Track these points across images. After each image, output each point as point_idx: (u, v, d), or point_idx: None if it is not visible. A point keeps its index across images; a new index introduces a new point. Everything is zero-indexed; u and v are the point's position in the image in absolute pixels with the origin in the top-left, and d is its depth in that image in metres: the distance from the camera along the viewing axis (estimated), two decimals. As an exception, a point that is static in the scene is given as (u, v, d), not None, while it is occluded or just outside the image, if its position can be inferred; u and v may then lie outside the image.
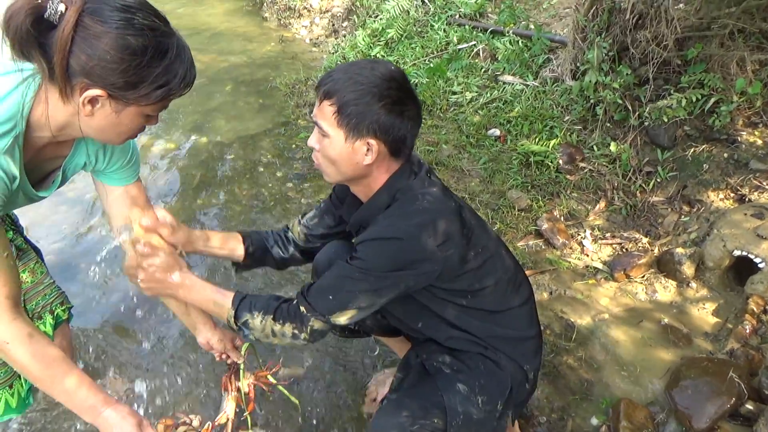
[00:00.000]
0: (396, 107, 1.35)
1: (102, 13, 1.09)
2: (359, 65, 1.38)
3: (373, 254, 1.35)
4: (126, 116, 1.20)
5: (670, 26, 3.00)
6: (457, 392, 1.46)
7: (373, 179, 1.43)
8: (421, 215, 1.37)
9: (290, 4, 6.56)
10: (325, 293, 1.39)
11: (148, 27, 1.13)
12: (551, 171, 3.27)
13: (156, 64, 1.15)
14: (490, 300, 1.52)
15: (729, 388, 1.92)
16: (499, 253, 1.57)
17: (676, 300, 2.49)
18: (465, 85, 4.16)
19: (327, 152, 1.39)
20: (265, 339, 1.43)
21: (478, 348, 1.52)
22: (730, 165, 2.91)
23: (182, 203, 3.33)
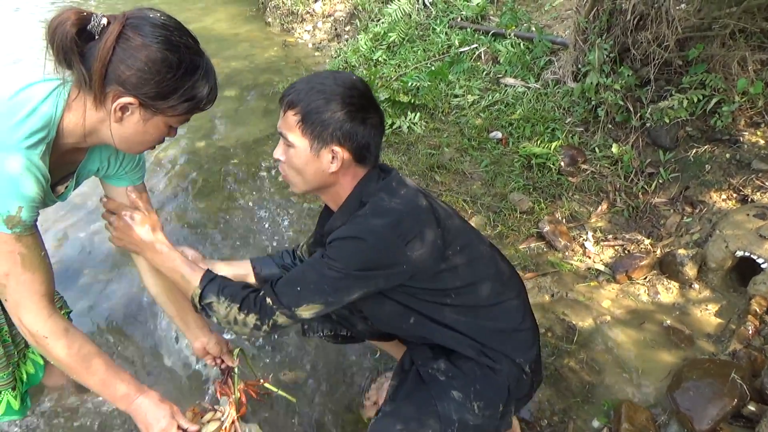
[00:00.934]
0: (358, 114, 1.37)
1: (143, 28, 1.20)
2: (321, 76, 1.41)
3: (341, 253, 1.36)
4: (151, 125, 1.28)
5: (671, 27, 2.99)
6: (451, 400, 1.45)
7: (341, 187, 1.45)
8: (388, 215, 1.37)
9: (293, 8, 6.59)
10: (292, 285, 1.40)
11: (184, 45, 1.24)
12: (553, 173, 3.27)
13: (187, 79, 1.25)
14: (477, 296, 1.51)
15: (731, 390, 1.91)
16: (483, 249, 1.57)
17: (678, 301, 2.48)
18: (467, 88, 4.17)
19: (293, 162, 1.41)
20: (226, 325, 1.44)
21: (470, 350, 1.51)
22: (732, 165, 2.90)
23: (185, 207, 3.34)
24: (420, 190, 1.50)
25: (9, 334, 1.64)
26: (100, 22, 1.18)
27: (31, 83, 1.26)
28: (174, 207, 3.34)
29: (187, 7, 7.52)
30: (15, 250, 1.23)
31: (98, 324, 2.46)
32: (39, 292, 1.29)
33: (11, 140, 1.17)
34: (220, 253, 2.94)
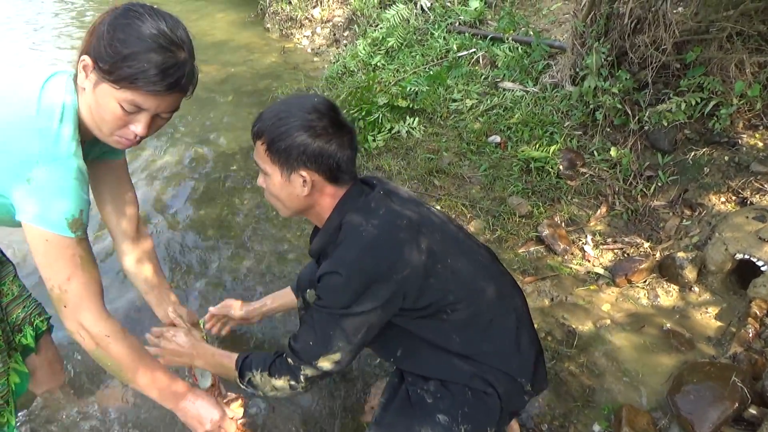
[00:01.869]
0: (321, 136, 1.37)
1: (132, 5, 1.26)
2: (287, 103, 1.43)
3: (328, 292, 1.38)
4: (100, 94, 1.26)
5: (668, 30, 3.00)
6: (436, 424, 1.45)
7: (321, 208, 1.46)
8: (360, 244, 1.36)
9: (292, 14, 6.60)
10: (306, 340, 1.43)
11: (160, 30, 1.24)
12: (552, 177, 3.27)
13: (142, 53, 1.22)
14: (474, 311, 1.47)
15: (732, 393, 1.91)
16: (480, 262, 1.54)
17: (678, 304, 2.48)
18: (465, 93, 4.17)
19: (270, 190, 1.45)
20: (270, 393, 1.52)
21: (463, 376, 1.49)
22: (731, 168, 2.90)
23: (184, 214, 3.34)
24: (408, 200, 1.48)
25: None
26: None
27: (42, 86, 1.29)
28: (174, 213, 3.34)
29: (186, 12, 7.54)
30: (76, 254, 1.29)
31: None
32: (97, 293, 1.35)
33: (60, 152, 1.24)
34: (221, 259, 2.94)
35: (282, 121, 1.37)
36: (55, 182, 1.23)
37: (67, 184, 1.24)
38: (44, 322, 1.80)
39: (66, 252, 1.27)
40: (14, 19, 7.36)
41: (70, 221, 1.25)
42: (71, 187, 1.25)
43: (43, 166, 1.21)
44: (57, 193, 1.23)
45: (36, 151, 1.22)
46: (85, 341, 1.35)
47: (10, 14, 7.55)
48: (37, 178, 1.21)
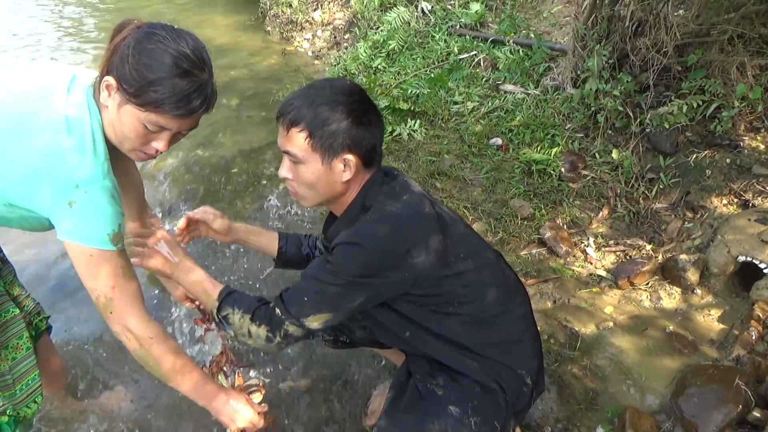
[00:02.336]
0: (363, 118, 1.38)
1: (155, 27, 1.31)
2: (317, 87, 1.41)
3: (342, 258, 1.36)
4: (125, 114, 1.32)
5: (669, 33, 3.00)
6: (448, 416, 1.44)
7: (350, 194, 1.46)
8: (388, 221, 1.37)
9: (292, 17, 6.62)
10: (299, 296, 1.40)
11: (183, 55, 1.29)
12: (553, 179, 3.27)
13: (167, 79, 1.27)
14: (480, 306, 1.50)
15: (735, 396, 1.90)
16: (488, 257, 1.56)
17: (680, 307, 2.48)
18: (466, 95, 4.17)
19: (304, 178, 1.41)
20: (242, 337, 1.46)
21: (469, 367, 1.49)
22: (732, 170, 2.90)
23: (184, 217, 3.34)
24: (425, 196, 1.49)
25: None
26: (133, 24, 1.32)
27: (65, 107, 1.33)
28: (175, 215, 3.34)
29: (185, 16, 7.56)
30: (118, 264, 1.37)
31: (96, 330, 2.45)
32: (139, 298, 1.43)
33: (97, 175, 1.31)
34: (222, 260, 2.94)
35: (323, 106, 1.35)
36: (94, 203, 1.30)
37: (105, 202, 1.31)
38: (43, 321, 1.81)
39: (109, 264, 1.35)
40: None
41: (111, 236, 1.33)
42: (109, 204, 1.32)
43: (82, 189, 1.28)
44: (97, 213, 1.31)
45: (75, 176, 1.28)
46: (130, 342, 1.43)
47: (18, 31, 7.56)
48: (77, 201, 1.28)
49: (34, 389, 1.66)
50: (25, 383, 1.63)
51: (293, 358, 2.34)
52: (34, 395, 1.67)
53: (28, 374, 1.64)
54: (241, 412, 1.53)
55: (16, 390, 1.61)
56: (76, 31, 7.03)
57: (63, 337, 2.38)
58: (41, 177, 1.27)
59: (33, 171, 1.28)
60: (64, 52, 6.21)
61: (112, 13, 7.84)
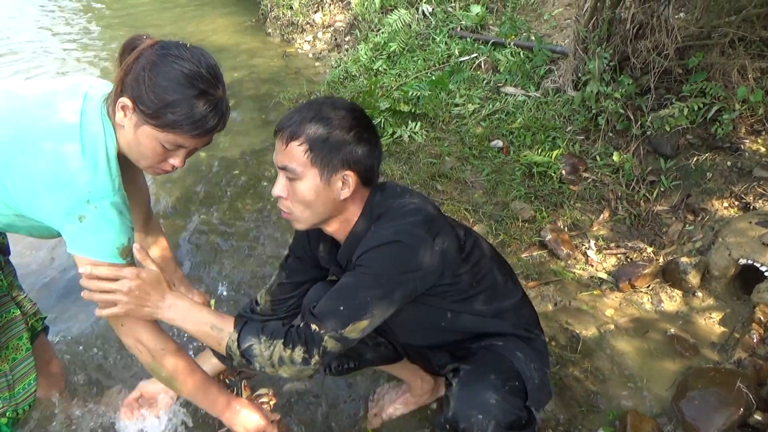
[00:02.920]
0: (364, 136, 1.37)
1: (169, 47, 1.32)
2: (318, 102, 1.39)
3: (378, 260, 1.33)
4: (142, 134, 1.33)
5: (670, 36, 3.01)
6: (519, 359, 1.51)
7: (349, 212, 1.44)
8: (410, 215, 1.38)
9: (293, 19, 6.61)
10: (335, 305, 1.34)
11: (198, 76, 1.30)
12: (554, 181, 3.27)
13: (180, 96, 1.29)
14: (491, 281, 1.56)
15: (737, 399, 1.90)
16: (490, 248, 1.63)
17: (681, 310, 2.48)
18: (467, 97, 4.18)
19: (301, 195, 1.37)
20: (270, 368, 1.35)
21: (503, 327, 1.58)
22: (733, 173, 2.90)
23: (186, 218, 3.34)
24: (417, 193, 1.53)
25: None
26: (145, 40, 1.34)
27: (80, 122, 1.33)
28: (176, 217, 3.34)
29: (186, 18, 7.56)
30: None
31: (96, 332, 2.45)
32: None
33: (108, 190, 1.33)
34: (224, 262, 2.94)
35: (324, 120, 1.34)
36: (104, 217, 1.32)
37: (115, 217, 1.34)
38: (39, 321, 1.80)
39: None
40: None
41: (120, 250, 1.35)
42: (119, 219, 1.34)
43: (93, 204, 1.30)
44: (107, 227, 1.33)
45: (86, 191, 1.29)
46: (143, 355, 1.45)
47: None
48: (88, 216, 1.30)
49: (31, 392, 1.66)
50: (25, 384, 1.63)
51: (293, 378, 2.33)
52: (30, 399, 1.66)
53: (27, 375, 1.64)
54: (251, 421, 1.55)
55: (16, 391, 1.61)
56: (83, 41, 7.04)
57: (63, 338, 2.38)
58: (53, 191, 1.29)
59: (45, 185, 1.29)
60: (70, 62, 6.21)
61: (118, 18, 7.85)
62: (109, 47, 6.45)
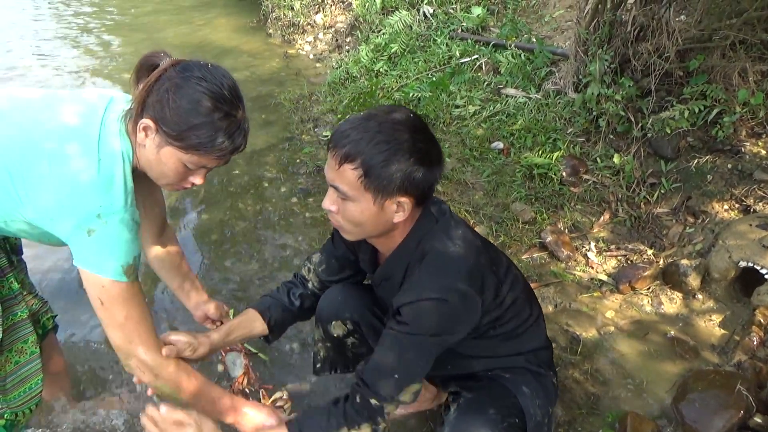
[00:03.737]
0: (426, 159, 1.27)
1: (189, 68, 1.32)
2: (377, 119, 1.27)
3: (423, 317, 1.31)
4: (165, 155, 1.35)
5: (671, 38, 3.01)
6: (524, 394, 1.48)
7: (398, 231, 1.39)
8: (457, 266, 1.33)
9: (294, 20, 6.62)
10: (388, 374, 1.34)
11: (218, 93, 1.31)
12: (555, 183, 3.27)
13: (208, 127, 1.30)
14: (514, 322, 1.53)
15: (737, 401, 1.90)
16: (516, 271, 1.58)
17: (682, 312, 2.48)
18: (468, 99, 4.18)
19: (351, 216, 1.31)
20: None
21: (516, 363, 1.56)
22: (734, 176, 2.90)
23: (188, 218, 3.35)
24: (467, 224, 1.49)
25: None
26: (166, 59, 1.34)
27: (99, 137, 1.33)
28: (177, 218, 3.34)
29: (187, 19, 7.57)
30: (129, 296, 1.37)
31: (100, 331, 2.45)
32: (150, 327, 1.42)
33: (119, 206, 1.31)
34: (225, 263, 2.94)
35: (383, 145, 1.22)
36: (113, 234, 1.31)
37: (123, 235, 1.32)
38: (50, 320, 1.80)
39: (121, 296, 1.35)
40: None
41: (125, 268, 1.33)
42: (127, 237, 1.33)
43: (103, 219, 1.29)
44: (114, 244, 1.32)
45: (97, 206, 1.29)
46: (145, 374, 1.42)
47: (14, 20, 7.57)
48: (96, 230, 1.29)
49: (35, 394, 1.64)
50: (27, 387, 1.62)
51: (293, 361, 2.34)
52: (34, 401, 1.65)
53: (31, 378, 1.63)
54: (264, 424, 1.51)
55: (16, 394, 1.60)
56: (83, 43, 7.04)
57: (66, 338, 2.38)
58: (66, 204, 1.28)
59: (58, 197, 1.28)
60: (70, 65, 6.21)
61: (120, 22, 7.85)
62: (111, 50, 6.46)
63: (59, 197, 1.28)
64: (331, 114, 4.52)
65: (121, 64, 5.87)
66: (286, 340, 2.41)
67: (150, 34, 6.81)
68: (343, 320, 1.75)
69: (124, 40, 6.68)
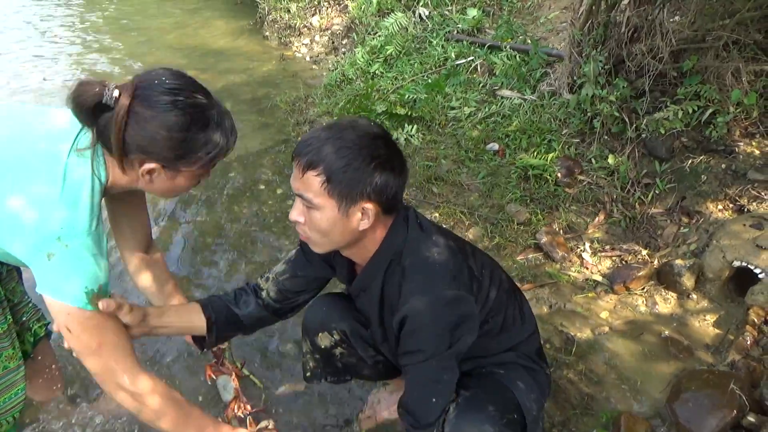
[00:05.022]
0: (387, 165, 1.28)
1: (150, 98, 1.26)
2: (338, 128, 1.30)
3: (431, 340, 1.34)
4: (180, 180, 1.38)
5: (665, 39, 3.02)
6: (520, 389, 1.50)
7: (369, 240, 1.38)
8: (441, 274, 1.34)
9: (291, 22, 6.63)
10: (426, 402, 1.40)
11: (191, 105, 1.29)
12: (550, 184, 3.28)
13: (200, 135, 1.32)
14: (500, 317, 1.54)
15: (730, 401, 1.91)
16: (497, 268, 1.60)
17: (676, 312, 2.48)
18: (463, 100, 4.19)
19: (317, 225, 1.31)
20: None
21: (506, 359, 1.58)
22: (728, 176, 2.91)
23: (183, 220, 3.35)
24: (436, 225, 1.49)
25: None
26: (112, 95, 1.24)
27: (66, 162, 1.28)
28: (173, 220, 3.34)
29: (185, 21, 7.58)
30: (99, 323, 1.31)
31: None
32: (128, 353, 1.37)
33: (82, 229, 1.26)
34: (220, 265, 2.94)
35: (344, 150, 1.24)
36: (74, 258, 1.25)
37: (86, 259, 1.26)
38: (42, 327, 1.79)
39: (89, 323, 1.30)
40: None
41: (89, 295, 1.27)
42: (89, 263, 1.27)
43: (63, 242, 1.23)
44: (76, 269, 1.25)
45: (57, 228, 1.23)
46: (127, 401, 1.37)
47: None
48: (57, 254, 1.23)
49: (12, 405, 1.60)
50: (6, 397, 1.58)
51: (287, 362, 2.34)
52: (15, 410, 1.61)
53: (8, 390, 1.58)
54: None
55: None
56: (81, 46, 7.04)
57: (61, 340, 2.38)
58: (24, 224, 1.23)
59: (16, 216, 1.23)
60: (64, 65, 6.21)
61: (117, 24, 7.85)
62: (107, 52, 6.46)
63: (18, 215, 1.23)
64: (327, 116, 4.52)
65: (118, 67, 5.88)
66: (280, 343, 2.41)
67: (147, 37, 6.82)
68: (329, 331, 1.74)
69: (122, 43, 6.69)
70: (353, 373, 1.87)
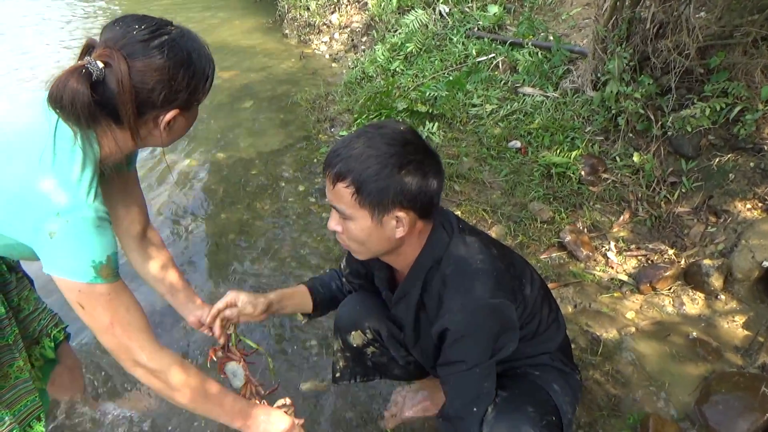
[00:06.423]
0: (419, 170, 1.26)
1: (138, 51, 1.20)
2: (366, 135, 1.27)
3: (474, 350, 1.34)
4: (193, 114, 1.36)
5: (691, 35, 2.96)
6: (556, 391, 1.49)
7: (408, 246, 1.37)
8: (483, 282, 1.32)
9: (310, 20, 6.65)
10: (469, 410, 1.39)
11: (173, 39, 1.24)
12: (573, 182, 3.24)
13: (198, 62, 1.28)
14: (536, 321, 1.53)
15: (762, 403, 1.88)
16: (531, 270, 1.58)
17: (704, 313, 2.44)
18: (485, 98, 4.16)
19: (354, 235, 1.31)
20: None
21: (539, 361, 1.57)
22: (756, 174, 2.86)
23: (206, 218, 3.37)
24: (480, 232, 1.49)
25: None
26: (97, 66, 1.17)
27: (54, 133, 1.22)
28: (196, 218, 3.37)
29: (205, 20, 7.63)
30: (112, 298, 1.26)
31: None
32: (143, 328, 1.32)
33: (80, 202, 1.20)
34: (242, 262, 2.96)
35: (372, 159, 1.22)
36: (77, 233, 1.20)
37: (90, 233, 1.21)
38: (61, 332, 1.79)
39: (101, 299, 1.25)
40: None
41: (97, 269, 1.22)
42: (94, 235, 1.22)
43: (63, 218, 1.18)
44: (81, 244, 1.21)
45: (55, 203, 1.18)
46: (145, 377, 1.34)
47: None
48: (58, 231, 1.18)
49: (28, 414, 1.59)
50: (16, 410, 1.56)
51: (310, 360, 2.35)
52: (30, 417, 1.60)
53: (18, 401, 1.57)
54: (276, 423, 1.49)
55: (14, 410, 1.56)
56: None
57: (79, 342, 2.39)
58: (22, 203, 1.19)
59: (15, 196, 1.20)
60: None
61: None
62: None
63: (16, 194, 1.20)
64: (347, 114, 4.53)
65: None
66: (304, 339, 2.42)
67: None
68: (363, 330, 1.75)
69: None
70: (383, 372, 1.87)
